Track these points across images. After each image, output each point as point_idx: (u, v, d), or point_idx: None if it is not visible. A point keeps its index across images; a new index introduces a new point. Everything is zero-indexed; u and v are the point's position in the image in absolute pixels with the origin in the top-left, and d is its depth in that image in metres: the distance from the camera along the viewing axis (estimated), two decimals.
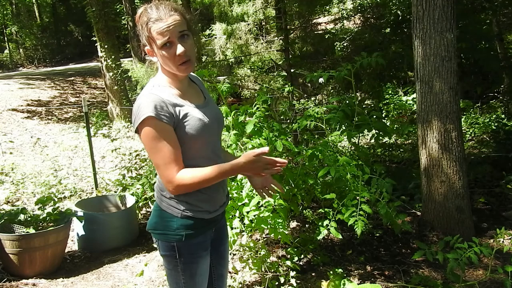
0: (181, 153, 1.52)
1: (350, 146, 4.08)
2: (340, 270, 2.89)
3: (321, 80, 3.27)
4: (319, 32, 8.80)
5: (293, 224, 3.66)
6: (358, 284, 2.78)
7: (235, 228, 2.77)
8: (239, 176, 2.73)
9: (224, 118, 2.97)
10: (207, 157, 1.59)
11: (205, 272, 1.68)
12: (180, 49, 1.49)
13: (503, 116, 6.78)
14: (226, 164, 1.51)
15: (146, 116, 1.45)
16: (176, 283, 1.64)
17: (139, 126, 1.47)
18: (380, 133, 3.23)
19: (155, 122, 1.45)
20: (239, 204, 2.72)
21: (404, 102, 6.95)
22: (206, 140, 1.58)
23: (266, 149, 1.46)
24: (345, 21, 9.46)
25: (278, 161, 1.47)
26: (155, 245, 1.69)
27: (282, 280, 2.83)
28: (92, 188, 5.21)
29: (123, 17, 15.42)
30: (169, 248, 1.59)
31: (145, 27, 1.51)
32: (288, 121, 4.93)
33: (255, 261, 2.89)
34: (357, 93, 7.05)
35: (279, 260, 3.08)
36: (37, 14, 24.81)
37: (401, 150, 5.67)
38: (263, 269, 2.89)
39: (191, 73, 1.69)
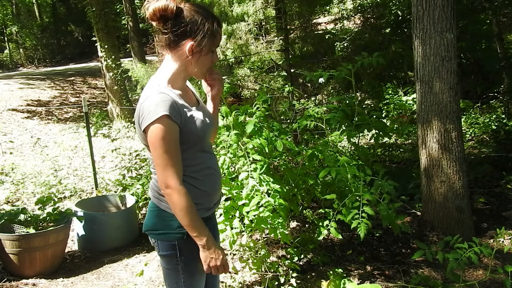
0: (182, 151, 1.54)
1: (350, 146, 4.08)
2: (340, 270, 2.89)
3: (321, 80, 3.27)
4: (319, 32, 8.79)
5: (293, 224, 3.66)
6: (358, 284, 2.78)
7: (235, 228, 2.77)
8: (240, 177, 2.73)
9: (224, 118, 2.97)
10: (203, 150, 1.64)
11: (203, 271, 1.68)
12: (217, 57, 1.61)
13: (503, 116, 6.77)
14: (203, 225, 1.55)
15: (162, 115, 1.44)
16: (176, 282, 1.64)
17: (151, 124, 1.46)
18: (380, 133, 3.23)
19: (169, 121, 1.46)
20: (239, 204, 2.72)
21: (404, 102, 6.95)
22: (205, 139, 1.64)
23: None
24: (345, 21, 9.45)
25: None
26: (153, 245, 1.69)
27: (282, 280, 2.83)
28: (92, 188, 5.21)
29: (123, 17, 15.42)
30: (170, 248, 1.59)
31: (213, 24, 1.54)
32: (288, 121, 4.92)
33: (255, 261, 2.89)
34: (357, 93, 7.04)
35: (279, 260, 3.08)
36: (37, 14, 24.82)
37: (401, 150, 5.67)
38: (263, 269, 2.89)
39: None
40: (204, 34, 1.51)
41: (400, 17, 7.21)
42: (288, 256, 3.08)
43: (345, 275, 2.88)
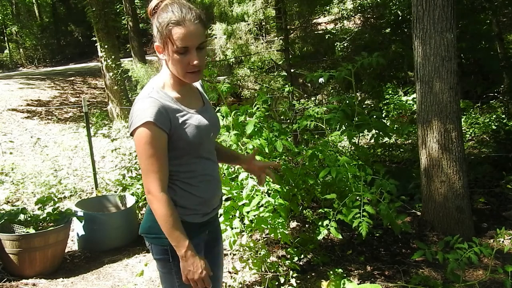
0: (176, 157, 1.52)
1: (350, 146, 4.08)
2: (340, 270, 2.89)
3: (321, 80, 3.27)
4: (319, 32, 8.79)
5: (293, 224, 3.66)
6: (358, 284, 2.78)
7: (235, 228, 2.76)
8: (240, 177, 2.73)
9: (224, 118, 2.97)
10: (201, 157, 1.60)
11: None
12: (195, 60, 1.47)
13: (503, 116, 6.77)
14: (183, 235, 1.50)
15: (145, 121, 1.43)
16: (171, 286, 1.64)
17: (136, 129, 1.45)
18: (380, 133, 3.23)
19: (153, 127, 1.44)
20: (239, 204, 2.72)
21: (404, 102, 6.94)
22: (202, 145, 1.59)
23: None
24: (345, 21, 9.46)
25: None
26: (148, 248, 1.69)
27: (282, 280, 2.83)
28: (92, 188, 5.21)
29: (123, 17, 15.42)
30: (162, 252, 1.59)
31: (165, 26, 1.44)
32: (288, 121, 4.92)
33: (255, 261, 2.89)
34: (357, 93, 7.04)
35: (279, 260, 3.08)
36: (37, 14, 24.81)
37: (401, 150, 5.66)
38: (263, 269, 2.89)
39: None
40: (160, 35, 1.47)
41: (400, 17, 7.22)
42: (288, 256, 3.08)
43: (345, 275, 2.88)
